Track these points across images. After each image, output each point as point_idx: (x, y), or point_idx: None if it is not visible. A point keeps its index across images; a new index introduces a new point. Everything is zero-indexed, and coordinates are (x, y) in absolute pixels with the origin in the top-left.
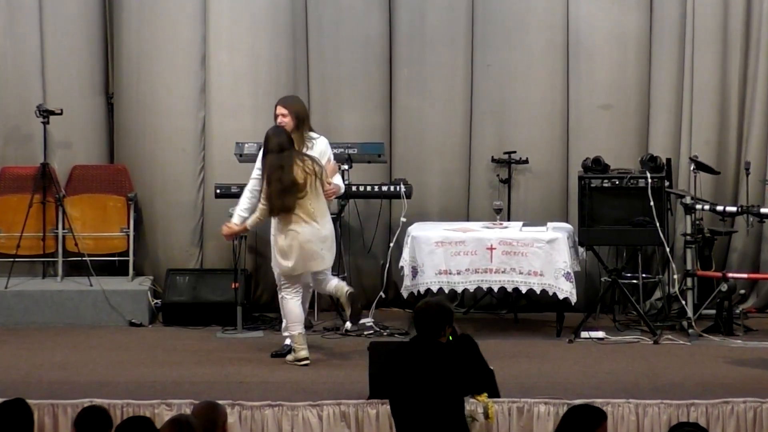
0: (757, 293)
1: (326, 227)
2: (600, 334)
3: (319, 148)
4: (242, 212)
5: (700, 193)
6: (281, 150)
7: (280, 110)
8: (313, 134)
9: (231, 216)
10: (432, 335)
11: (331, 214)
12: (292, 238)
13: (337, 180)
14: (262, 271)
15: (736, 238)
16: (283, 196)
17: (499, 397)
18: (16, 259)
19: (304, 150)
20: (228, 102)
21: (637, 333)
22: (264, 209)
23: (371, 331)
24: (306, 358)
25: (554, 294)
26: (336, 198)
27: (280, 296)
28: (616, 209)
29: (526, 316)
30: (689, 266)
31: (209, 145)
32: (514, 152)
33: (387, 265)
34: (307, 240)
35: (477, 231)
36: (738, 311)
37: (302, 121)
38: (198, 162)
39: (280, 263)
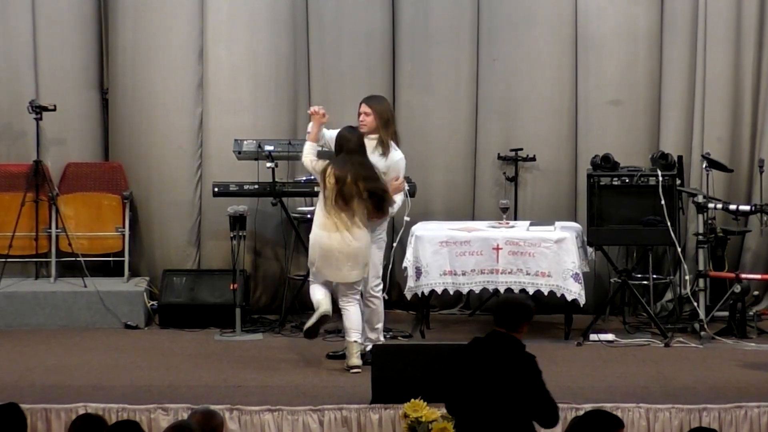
0: None
1: (359, 241)
2: (609, 336)
3: (392, 160)
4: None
5: (712, 191)
6: (351, 152)
7: (364, 108)
8: (393, 145)
9: (230, 215)
10: (510, 329)
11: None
12: (316, 240)
13: (397, 199)
14: (261, 272)
15: (749, 237)
16: (338, 198)
17: None
18: (8, 260)
19: (377, 154)
20: (226, 98)
21: (648, 336)
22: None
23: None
24: (356, 366)
25: (562, 295)
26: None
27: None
28: (625, 208)
29: (534, 317)
30: (701, 267)
31: (207, 142)
32: (521, 149)
33: (390, 266)
34: (332, 248)
35: (483, 230)
36: (751, 313)
37: (386, 123)
38: (195, 159)
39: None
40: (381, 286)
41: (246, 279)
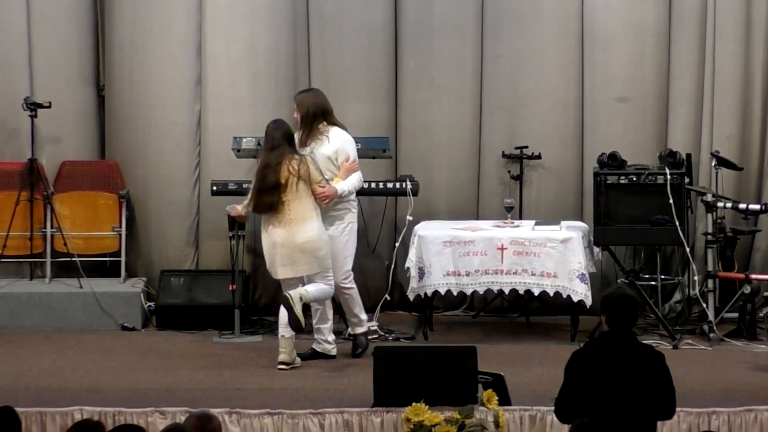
0: None
1: (305, 234)
2: None
3: (334, 145)
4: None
5: (721, 190)
6: (272, 148)
7: (295, 105)
8: (331, 129)
9: (228, 214)
10: (628, 327)
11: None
12: (265, 239)
13: (346, 182)
14: (260, 273)
15: (759, 237)
16: (261, 195)
17: (510, 404)
18: (2, 260)
19: (314, 146)
20: (225, 94)
21: (656, 337)
22: (245, 204)
23: (376, 336)
24: (281, 362)
25: (568, 296)
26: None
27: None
28: (633, 207)
29: (539, 319)
30: (710, 267)
31: (205, 140)
32: (526, 147)
33: (392, 266)
34: (277, 243)
35: (487, 230)
36: (762, 314)
37: (312, 116)
38: (193, 157)
39: None
40: (349, 278)
41: (245, 279)
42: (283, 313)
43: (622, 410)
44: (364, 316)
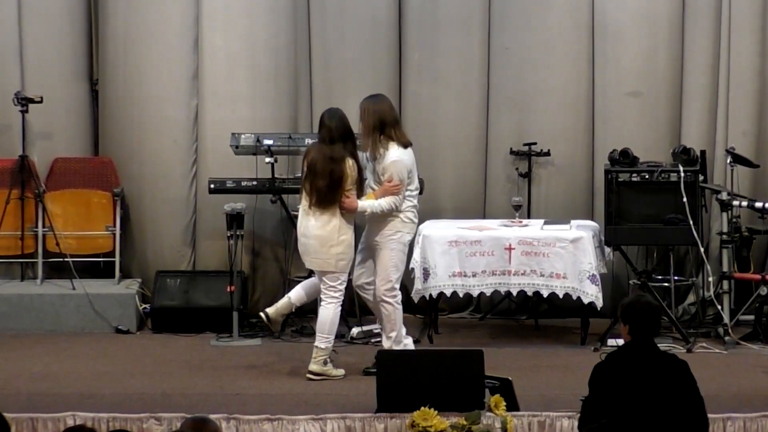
0: None
1: (324, 228)
2: None
3: (383, 162)
4: None
5: (737, 188)
6: (331, 141)
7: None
8: (390, 144)
9: (227, 213)
10: (651, 336)
11: None
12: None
13: (376, 202)
14: (259, 273)
15: None
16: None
17: (518, 410)
18: None
19: (376, 157)
20: (223, 89)
21: (669, 341)
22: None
23: (379, 339)
24: (311, 372)
25: (578, 298)
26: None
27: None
28: (645, 206)
29: (548, 322)
30: (725, 268)
31: (202, 136)
32: (535, 143)
33: None
34: (301, 233)
35: (494, 229)
36: None
37: (371, 128)
38: (190, 154)
39: None
40: (393, 292)
41: (244, 281)
42: (321, 318)
43: (651, 423)
44: (393, 334)
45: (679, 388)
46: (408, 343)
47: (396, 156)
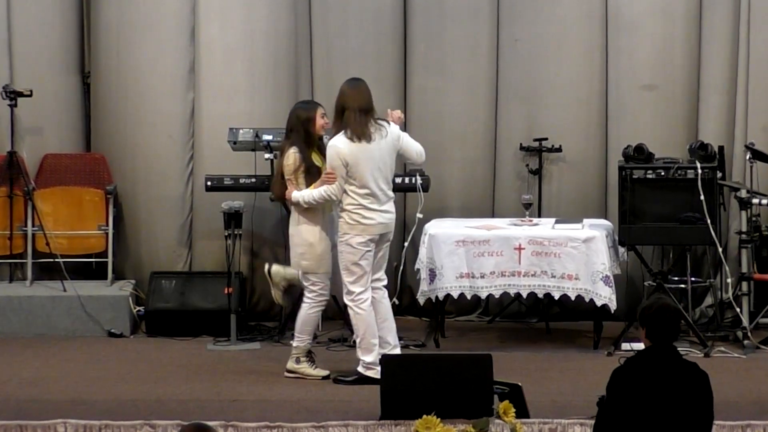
0: None
1: (292, 227)
2: (643, 345)
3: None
4: None
5: (756, 185)
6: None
7: None
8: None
9: (224, 212)
10: (671, 341)
11: None
12: None
13: (306, 191)
14: (258, 275)
15: None
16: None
17: (528, 417)
18: None
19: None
20: (220, 82)
21: (686, 345)
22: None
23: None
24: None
25: (591, 300)
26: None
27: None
28: (661, 204)
29: (560, 325)
30: (744, 269)
31: (199, 131)
32: (546, 139)
33: (401, 268)
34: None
35: (503, 229)
36: None
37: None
38: (186, 150)
39: None
40: (351, 295)
41: (242, 282)
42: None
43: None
44: (358, 340)
45: (697, 401)
46: (381, 353)
47: (332, 142)
